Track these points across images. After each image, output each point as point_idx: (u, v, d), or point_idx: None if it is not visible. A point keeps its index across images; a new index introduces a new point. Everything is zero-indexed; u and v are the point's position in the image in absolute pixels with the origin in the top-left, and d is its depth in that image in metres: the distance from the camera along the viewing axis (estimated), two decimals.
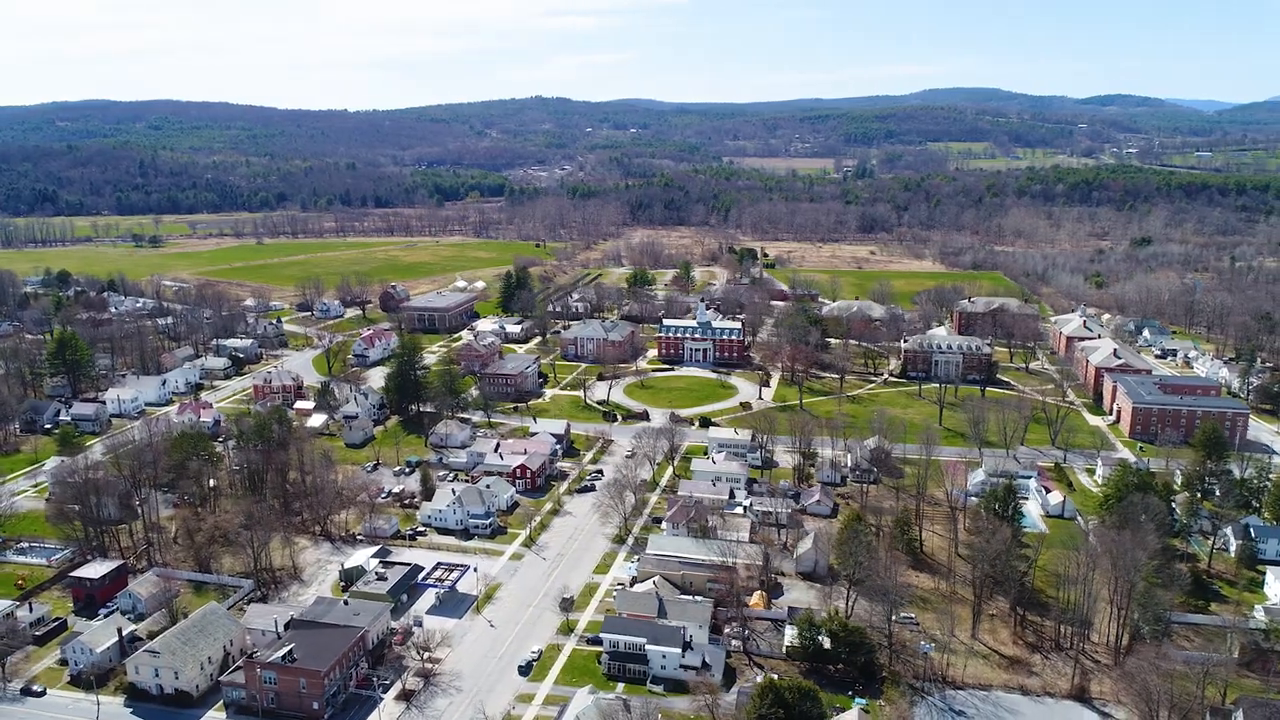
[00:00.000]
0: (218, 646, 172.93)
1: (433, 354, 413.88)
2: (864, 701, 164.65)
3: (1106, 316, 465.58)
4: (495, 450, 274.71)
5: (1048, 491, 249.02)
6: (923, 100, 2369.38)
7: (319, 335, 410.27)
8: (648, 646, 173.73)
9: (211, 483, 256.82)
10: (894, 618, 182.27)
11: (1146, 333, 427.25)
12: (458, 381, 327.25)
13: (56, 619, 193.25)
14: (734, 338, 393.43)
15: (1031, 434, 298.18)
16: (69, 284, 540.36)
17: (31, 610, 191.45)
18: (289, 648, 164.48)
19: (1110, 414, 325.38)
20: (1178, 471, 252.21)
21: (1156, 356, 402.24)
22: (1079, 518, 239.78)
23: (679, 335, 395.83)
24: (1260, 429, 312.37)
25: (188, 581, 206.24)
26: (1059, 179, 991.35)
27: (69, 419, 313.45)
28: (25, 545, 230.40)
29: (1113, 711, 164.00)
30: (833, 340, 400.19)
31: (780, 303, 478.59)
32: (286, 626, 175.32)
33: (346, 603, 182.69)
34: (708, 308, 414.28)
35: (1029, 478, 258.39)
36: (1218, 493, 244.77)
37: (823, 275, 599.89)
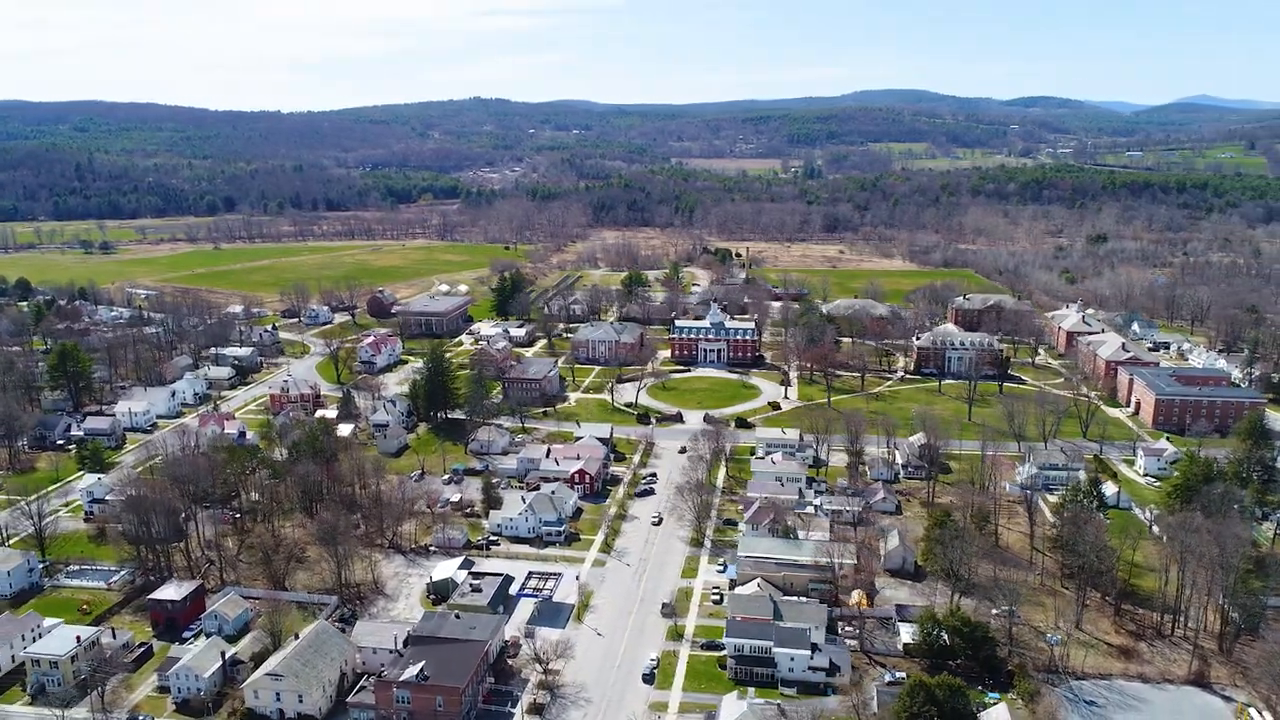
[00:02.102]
0: (335, 667, 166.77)
1: None
2: (997, 696, 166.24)
3: (1090, 311, 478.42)
4: (547, 455, 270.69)
5: (1100, 483, 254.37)
6: (857, 101, 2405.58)
7: (328, 343, 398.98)
8: (774, 649, 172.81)
9: (254, 496, 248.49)
10: (997, 610, 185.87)
11: (1135, 326, 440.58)
12: (487, 387, 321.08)
13: (142, 644, 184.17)
14: (747, 338, 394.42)
15: (1061, 427, 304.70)
16: (33, 293, 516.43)
17: (115, 636, 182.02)
18: (420, 665, 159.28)
19: (1128, 406, 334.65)
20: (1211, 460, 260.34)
21: (1150, 349, 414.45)
22: (1134, 507, 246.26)
23: (692, 336, 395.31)
24: (1270, 418, 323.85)
25: (267, 600, 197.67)
26: (1009, 178, 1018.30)
27: (82, 434, 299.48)
28: (75, 568, 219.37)
29: (1233, 695, 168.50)
30: (842, 339, 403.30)
31: (775, 303, 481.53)
32: (405, 643, 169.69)
33: (458, 616, 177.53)
34: (721, 309, 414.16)
35: (1077, 470, 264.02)
36: (1255, 480, 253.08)
37: (802, 274, 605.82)
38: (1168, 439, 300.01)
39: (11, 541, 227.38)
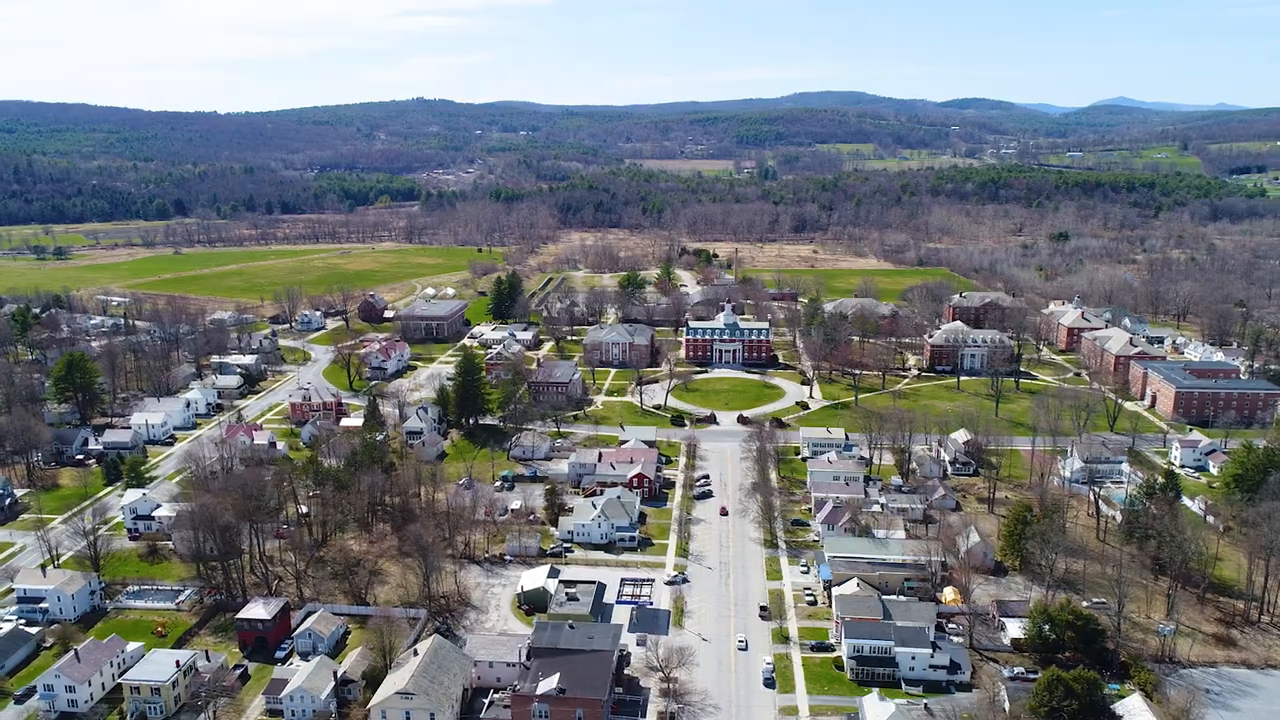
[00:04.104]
0: (459, 683, 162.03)
1: (447, 364, 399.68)
2: (1116, 686, 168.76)
3: (1086, 308, 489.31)
4: (599, 460, 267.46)
5: (1175, 475, 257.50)
6: (796, 103, 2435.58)
7: (338, 348, 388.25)
8: (895, 649, 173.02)
9: (304, 509, 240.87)
10: (1087, 604, 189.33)
11: (1126, 322, 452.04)
12: (522, 392, 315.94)
13: (237, 666, 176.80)
14: (761, 338, 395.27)
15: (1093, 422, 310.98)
16: (1, 302, 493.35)
17: (209, 658, 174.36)
18: (555, 677, 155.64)
19: (1143, 399, 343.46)
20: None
21: (1147, 343, 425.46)
22: (1181, 498, 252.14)
23: (707, 337, 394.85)
24: None
25: (377, 617, 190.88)
26: (965, 178, 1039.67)
27: (101, 447, 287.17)
28: (134, 588, 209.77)
29: None
30: (852, 338, 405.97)
31: (777, 303, 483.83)
32: (528, 656, 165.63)
33: (572, 626, 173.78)
34: (734, 310, 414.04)
35: (1120, 463, 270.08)
36: None
37: (785, 275, 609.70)
38: (1193, 431, 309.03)
39: (60, 561, 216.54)
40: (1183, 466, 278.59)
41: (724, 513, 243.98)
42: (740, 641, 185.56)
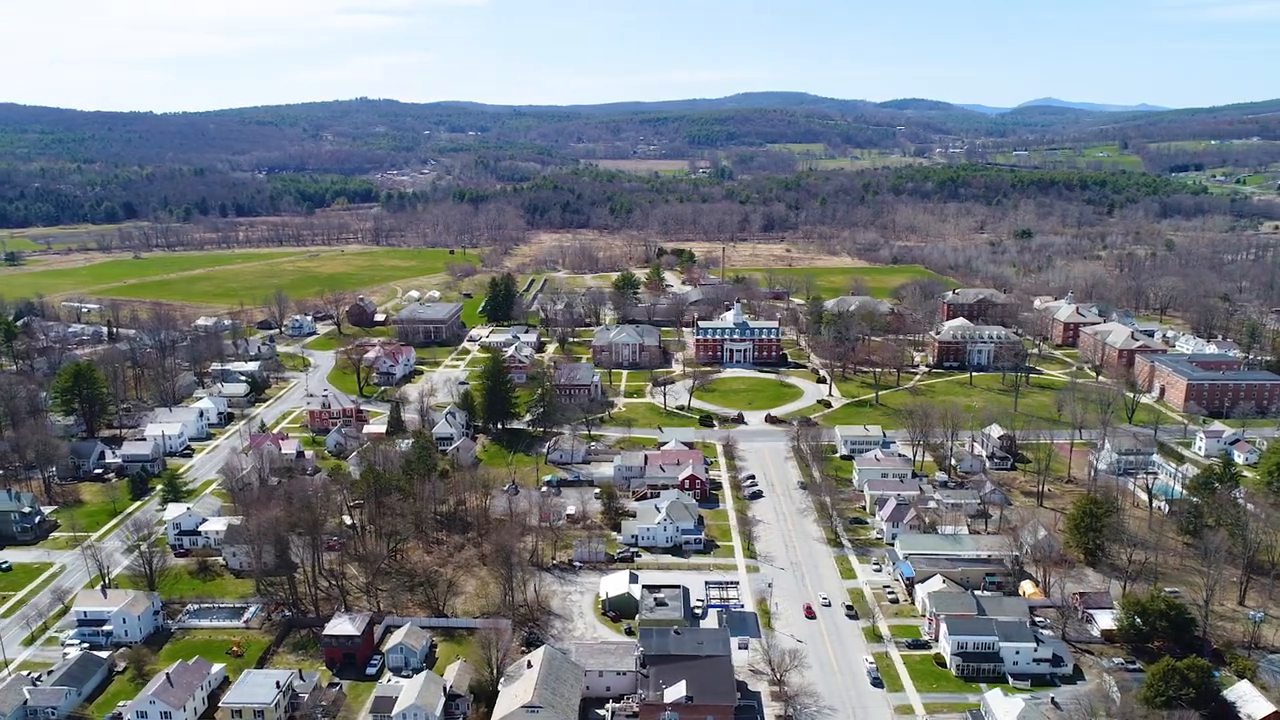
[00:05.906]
0: (576, 693, 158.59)
1: (453, 367, 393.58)
2: (1217, 674, 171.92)
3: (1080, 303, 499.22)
4: (645, 463, 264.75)
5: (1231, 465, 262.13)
6: (741, 103, 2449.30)
7: (346, 353, 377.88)
8: (1000, 644, 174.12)
9: (349, 520, 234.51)
10: (1164, 592, 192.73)
11: (1115, 316, 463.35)
12: (551, 395, 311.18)
13: (333, 684, 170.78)
14: (772, 337, 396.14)
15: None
16: None
17: (303, 678, 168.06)
18: (681, 684, 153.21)
19: (1150, 392, 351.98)
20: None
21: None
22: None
23: (718, 337, 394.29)
24: None
25: (435, 629, 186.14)
26: (925, 177, 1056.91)
27: (120, 460, 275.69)
28: (194, 607, 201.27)
29: None
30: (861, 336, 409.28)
31: (778, 302, 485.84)
32: (642, 664, 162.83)
33: (677, 632, 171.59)
34: (741, 310, 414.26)
35: (1150, 454, 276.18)
36: None
37: (773, 274, 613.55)
38: (1204, 421, 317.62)
39: (110, 579, 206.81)
40: (1208, 456, 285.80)
41: (810, 614, 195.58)
42: (823, 599, 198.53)
